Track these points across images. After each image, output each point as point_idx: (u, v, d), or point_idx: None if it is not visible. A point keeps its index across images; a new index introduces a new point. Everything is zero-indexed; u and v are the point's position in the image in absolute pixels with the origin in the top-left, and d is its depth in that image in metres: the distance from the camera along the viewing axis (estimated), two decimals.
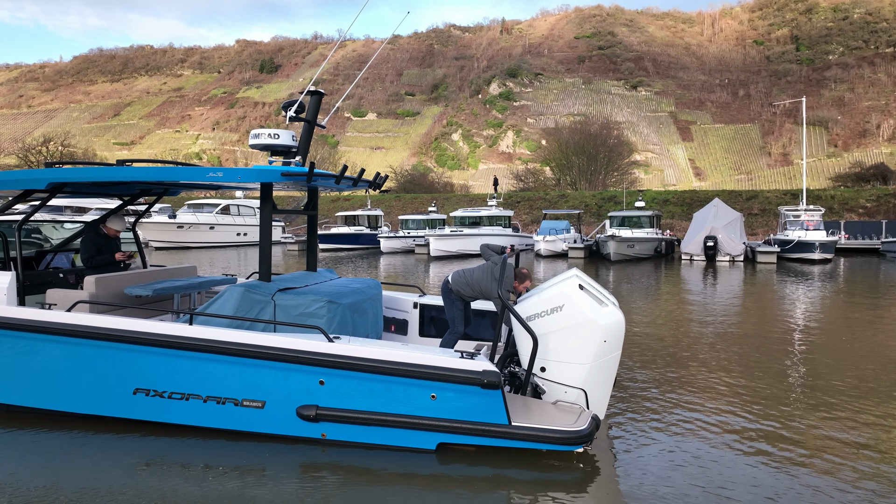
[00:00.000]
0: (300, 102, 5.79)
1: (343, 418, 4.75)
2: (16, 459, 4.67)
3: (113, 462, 4.61)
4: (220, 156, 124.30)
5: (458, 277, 6.39)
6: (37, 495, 4.09)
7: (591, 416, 4.71)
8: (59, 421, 5.34)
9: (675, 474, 4.50)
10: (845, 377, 7.20)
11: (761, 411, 5.95)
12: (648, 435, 5.30)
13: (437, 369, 4.57)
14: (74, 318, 5.14)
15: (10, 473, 4.42)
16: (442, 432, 4.67)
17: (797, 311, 12.62)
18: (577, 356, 4.92)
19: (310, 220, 7.02)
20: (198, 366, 4.92)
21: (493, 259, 6.31)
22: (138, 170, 5.77)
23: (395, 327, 7.34)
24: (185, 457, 4.72)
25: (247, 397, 4.90)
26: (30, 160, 66.11)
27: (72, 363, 5.16)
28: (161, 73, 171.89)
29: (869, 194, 41.14)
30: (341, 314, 5.53)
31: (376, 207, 43.67)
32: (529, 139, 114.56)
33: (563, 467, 4.59)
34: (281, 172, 5.29)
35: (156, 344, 4.91)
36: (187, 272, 7.51)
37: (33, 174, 6.00)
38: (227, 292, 5.50)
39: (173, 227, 35.89)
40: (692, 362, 7.99)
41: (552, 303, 5.01)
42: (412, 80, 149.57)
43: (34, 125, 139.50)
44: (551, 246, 29.86)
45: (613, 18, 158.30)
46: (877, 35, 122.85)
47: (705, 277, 20.32)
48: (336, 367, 4.68)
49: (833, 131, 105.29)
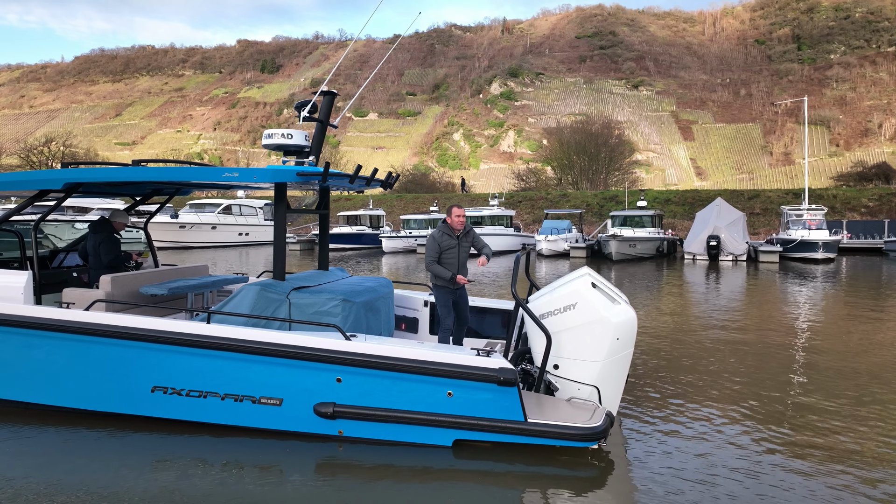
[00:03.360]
0: (313, 102, 5.84)
1: (360, 415, 4.80)
2: (33, 456, 4.73)
3: (130, 459, 4.67)
4: (221, 156, 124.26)
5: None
6: (55, 491, 4.14)
7: (606, 413, 4.76)
8: (77, 418, 5.39)
9: (688, 470, 4.55)
10: (850, 376, 7.24)
11: (769, 408, 6.00)
12: (659, 431, 5.35)
13: (454, 367, 4.62)
14: (93, 316, 5.20)
15: (26, 469, 4.47)
16: (458, 429, 4.72)
17: (803, 311, 12.66)
18: (590, 353, 4.97)
19: (322, 219, 7.07)
20: (216, 364, 4.97)
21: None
22: (154, 170, 5.82)
23: (406, 325, 7.39)
24: (203, 454, 4.77)
25: (264, 395, 4.95)
26: (31, 160, 66.20)
27: (90, 361, 5.21)
28: (162, 74, 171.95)
29: (871, 194, 41.11)
30: (356, 312, 5.59)
31: (378, 207, 43.71)
32: (531, 139, 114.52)
33: (578, 463, 4.65)
34: (297, 172, 5.35)
35: (174, 342, 4.97)
36: (199, 271, 7.57)
37: (49, 174, 6.07)
38: (243, 291, 5.55)
39: (175, 227, 35.93)
40: (699, 361, 8.04)
41: (565, 301, 5.07)
42: (413, 79, 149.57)
43: (36, 125, 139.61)
44: (553, 246, 29.89)
45: (615, 18, 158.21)
46: (878, 34, 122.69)
47: (709, 277, 20.37)
48: (353, 364, 4.73)
49: (835, 130, 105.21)
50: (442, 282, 6.44)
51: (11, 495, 4.07)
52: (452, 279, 6.33)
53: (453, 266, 6.43)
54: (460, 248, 6.51)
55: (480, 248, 6.65)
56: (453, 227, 6.49)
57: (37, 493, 4.11)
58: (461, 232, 6.55)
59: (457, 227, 6.49)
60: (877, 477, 4.44)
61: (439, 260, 6.41)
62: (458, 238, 6.51)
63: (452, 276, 6.33)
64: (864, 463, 4.69)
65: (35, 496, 4.07)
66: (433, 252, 6.41)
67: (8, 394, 5.52)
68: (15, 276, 5.72)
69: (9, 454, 4.77)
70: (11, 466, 4.53)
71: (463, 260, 6.54)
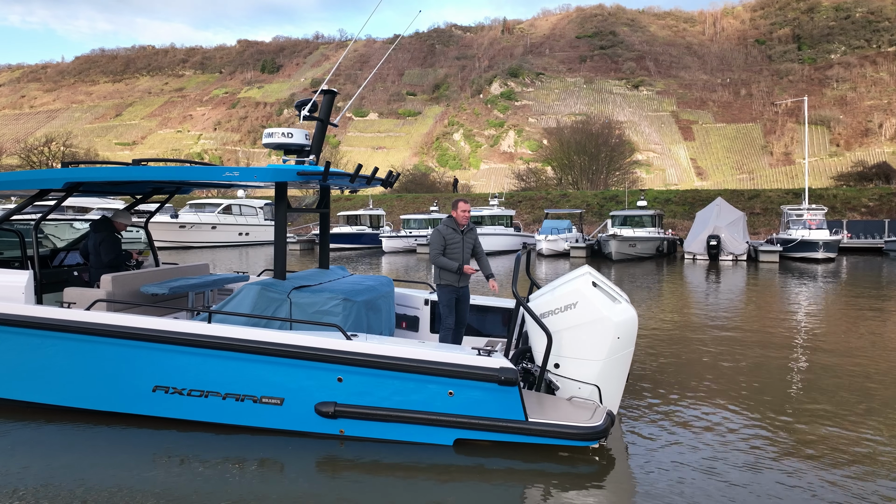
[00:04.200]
0: (314, 101, 5.84)
1: (361, 415, 4.80)
2: (34, 454, 4.73)
3: (130, 456, 4.67)
4: (221, 156, 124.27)
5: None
6: (54, 488, 4.14)
7: (607, 412, 4.76)
8: (78, 417, 5.39)
9: (689, 469, 4.54)
10: (853, 376, 7.24)
11: (770, 407, 5.99)
12: (659, 430, 5.35)
13: (455, 366, 4.62)
14: (94, 316, 5.19)
15: (27, 466, 4.47)
16: (459, 428, 4.72)
17: (804, 311, 12.66)
18: (591, 353, 4.97)
19: (322, 218, 7.07)
20: (217, 363, 4.97)
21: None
22: (155, 169, 5.82)
23: (407, 324, 7.39)
24: (204, 450, 4.77)
25: (265, 394, 4.95)
26: (32, 160, 66.20)
27: (92, 361, 5.21)
28: (163, 74, 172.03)
29: (871, 193, 41.10)
30: (356, 312, 5.58)
31: (378, 207, 43.71)
32: (531, 139, 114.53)
33: (579, 462, 4.64)
34: (297, 171, 5.34)
35: (176, 342, 4.97)
36: (200, 270, 7.57)
37: (50, 174, 6.06)
38: (244, 290, 5.55)
39: (175, 227, 35.92)
40: (700, 361, 8.04)
41: (566, 300, 5.06)
42: (413, 79, 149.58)
43: (36, 125, 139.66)
44: (553, 245, 29.90)
45: (615, 18, 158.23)
46: (879, 34, 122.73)
47: (709, 277, 20.36)
48: (355, 364, 4.73)
49: (835, 130, 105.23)
50: (446, 280, 6.44)
51: (11, 492, 4.07)
52: (459, 269, 6.35)
53: (458, 260, 6.46)
54: (464, 242, 6.54)
55: (479, 256, 6.71)
56: (459, 221, 6.54)
57: (36, 489, 4.11)
58: (465, 227, 6.58)
59: (462, 222, 6.53)
60: (880, 476, 4.44)
61: (444, 254, 6.44)
62: (462, 233, 6.55)
63: (459, 267, 6.35)
64: (867, 463, 4.69)
65: (35, 493, 4.06)
66: (438, 245, 6.45)
67: (9, 393, 5.52)
68: (16, 276, 5.72)
69: (9, 452, 4.77)
70: (12, 464, 4.52)
71: (467, 255, 6.57)
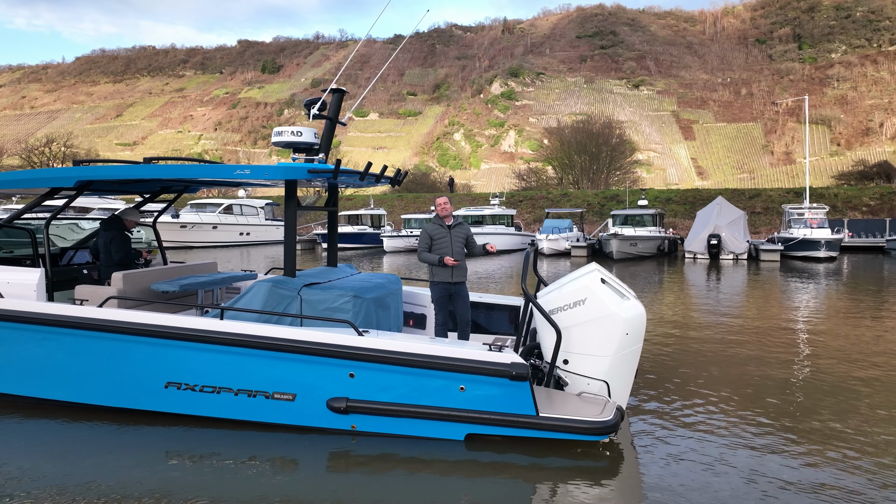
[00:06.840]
0: (322, 100, 5.88)
1: (373, 410, 4.84)
2: (47, 450, 4.77)
3: (143, 452, 4.72)
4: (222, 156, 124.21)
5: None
6: (67, 484, 4.19)
7: (616, 407, 4.80)
8: (91, 413, 5.43)
9: (696, 463, 4.59)
10: (855, 375, 7.28)
11: (774, 405, 6.04)
12: (667, 425, 5.40)
13: (467, 362, 4.67)
14: (106, 313, 5.24)
15: (40, 462, 4.52)
16: (471, 423, 4.77)
17: (806, 310, 12.70)
18: (600, 349, 5.01)
19: (331, 216, 7.12)
20: (229, 359, 5.01)
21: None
22: (167, 167, 5.87)
23: (414, 322, 7.44)
24: (216, 447, 4.82)
25: (277, 390, 4.99)
26: (33, 161, 66.22)
27: (104, 357, 5.26)
28: (163, 74, 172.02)
29: (872, 192, 41.12)
30: (366, 309, 5.64)
31: (379, 207, 43.73)
32: (531, 138, 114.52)
33: (589, 456, 4.69)
34: (308, 169, 5.39)
35: (188, 338, 5.01)
36: (208, 268, 7.62)
37: (62, 172, 6.11)
38: (255, 287, 5.60)
39: (176, 227, 35.93)
40: (702, 358, 8.08)
41: (575, 297, 5.10)
42: (414, 79, 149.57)
43: (37, 126, 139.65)
44: (554, 245, 29.95)
45: (615, 17, 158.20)
46: (879, 33, 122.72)
47: (709, 276, 20.40)
48: (366, 360, 4.78)
49: (836, 130, 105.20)
50: (440, 277, 6.51)
51: (26, 488, 4.11)
52: (440, 261, 6.42)
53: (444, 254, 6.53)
54: (452, 238, 6.60)
55: (472, 247, 6.76)
56: (441, 216, 6.66)
57: (49, 485, 4.15)
58: (452, 223, 6.66)
59: (442, 215, 6.64)
60: (886, 476, 4.48)
61: (430, 250, 6.55)
62: (448, 228, 6.62)
63: (440, 259, 6.42)
64: (871, 463, 4.72)
65: (48, 489, 4.11)
66: (423, 243, 6.61)
67: (22, 389, 5.57)
68: (28, 274, 5.77)
69: (23, 450, 4.81)
70: (26, 461, 4.57)
71: (457, 250, 6.60)
